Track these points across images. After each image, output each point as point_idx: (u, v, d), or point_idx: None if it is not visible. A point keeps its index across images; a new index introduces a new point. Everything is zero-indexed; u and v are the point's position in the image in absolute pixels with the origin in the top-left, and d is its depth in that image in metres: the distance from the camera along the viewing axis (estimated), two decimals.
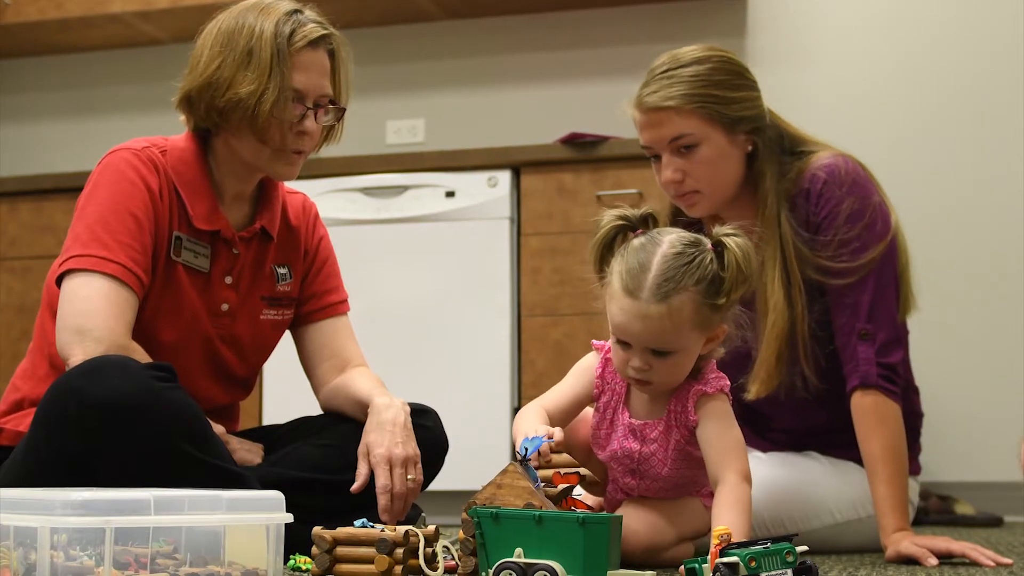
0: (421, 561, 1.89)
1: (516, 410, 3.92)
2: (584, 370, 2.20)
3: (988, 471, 3.97)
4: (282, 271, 2.40)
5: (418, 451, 2.23)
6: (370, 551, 1.87)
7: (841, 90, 4.27)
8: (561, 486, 1.91)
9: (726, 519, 1.91)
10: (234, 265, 2.31)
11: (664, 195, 2.65)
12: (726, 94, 2.43)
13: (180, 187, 2.25)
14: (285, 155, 2.25)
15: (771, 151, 2.48)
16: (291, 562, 2.04)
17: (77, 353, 2.07)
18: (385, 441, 2.21)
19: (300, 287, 2.44)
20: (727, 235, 2.00)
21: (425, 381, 3.83)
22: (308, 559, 2.00)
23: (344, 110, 2.31)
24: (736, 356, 2.34)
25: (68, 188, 4.37)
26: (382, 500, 2.18)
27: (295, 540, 1.93)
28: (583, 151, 3.94)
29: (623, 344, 2.03)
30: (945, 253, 4.08)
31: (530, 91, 4.58)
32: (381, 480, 2.18)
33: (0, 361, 4.35)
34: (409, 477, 2.20)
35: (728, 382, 2.09)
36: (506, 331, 3.92)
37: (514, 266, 3.96)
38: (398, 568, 1.86)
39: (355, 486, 2.20)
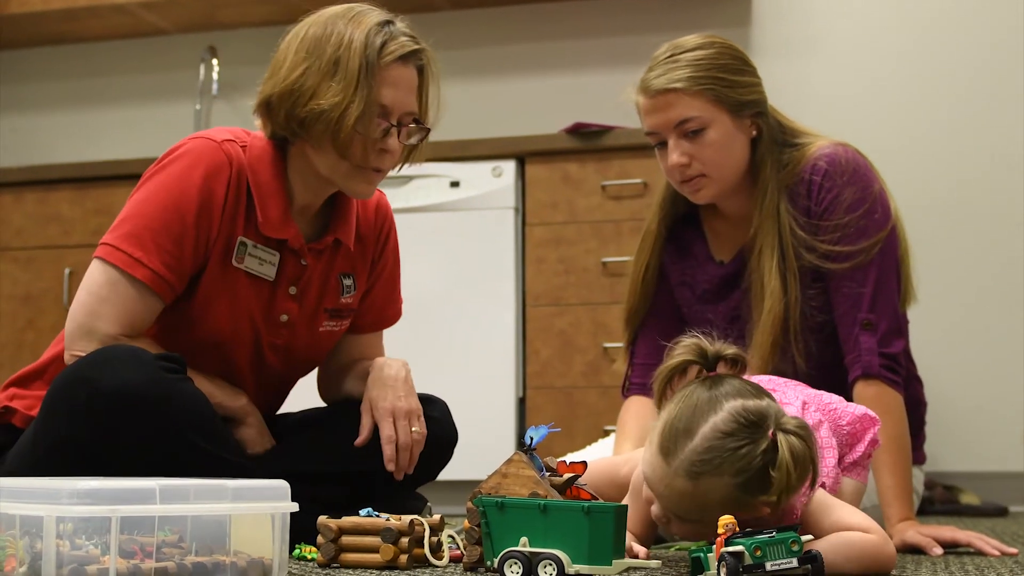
0: (426, 550, 1.89)
1: (521, 400, 3.93)
2: (640, 482, 1.94)
3: (993, 461, 3.97)
4: (347, 282, 2.32)
5: (420, 406, 2.24)
6: (375, 540, 1.87)
7: (846, 80, 4.27)
8: (566, 475, 1.90)
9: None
10: (301, 276, 2.24)
11: (660, 186, 2.66)
12: (731, 77, 2.44)
13: (254, 188, 2.16)
14: (364, 172, 2.17)
15: (772, 139, 2.49)
16: (297, 551, 2.04)
17: (78, 349, 2.08)
18: (388, 396, 2.22)
19: (361, 297, 2.38)
20: (787, 431, 1.74)
21: (430, 370, 3.81)
22: (314, 548, 2.01)
23: (429, 130, 2.24)
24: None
25: (73, 178, 4.37)
26: (387, 450, 2.18)
27: (300, 529, 1.93)
28: (588, 141, 3.94)
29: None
30: (951, 243, 4.07)
31: (535, 81, 4.57)
32: (386, 431, 2.19)
33: (5, 351, 4.36)
34: (413, 429, 2.21)
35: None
36: (511, 321, 3.92)
37: (519, 256, 3.96)
38: (403, 557, 1.87)
39: (359, 439, 2.21)
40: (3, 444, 2.17)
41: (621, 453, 2.53)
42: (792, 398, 2.01)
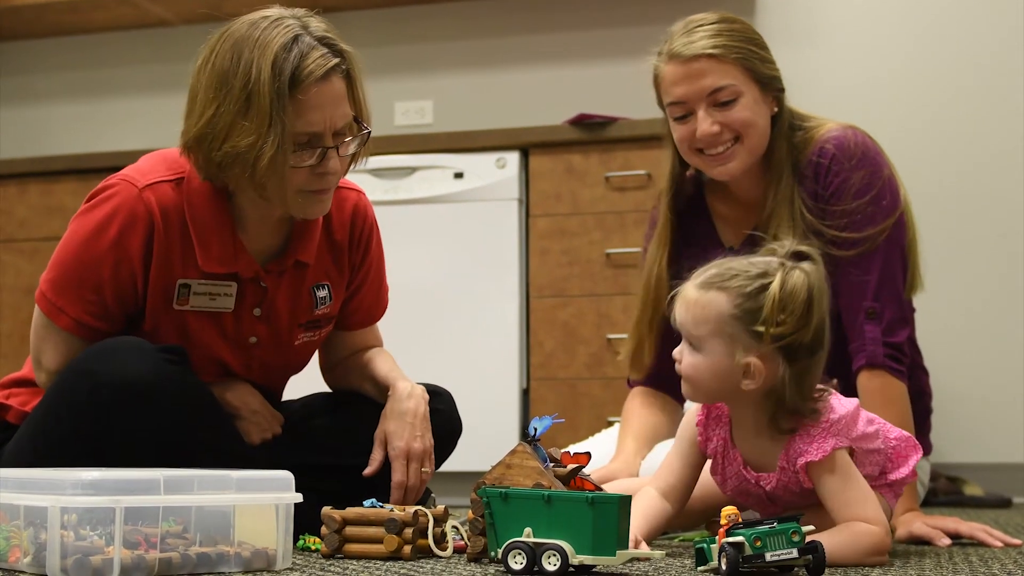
0: (430, 541, 1.89)
1: (525, 391, 3.93)
2: (686, 426, 2.05)
3: (997, 452, 3.97)
4: (321, 294, 2.24)
5: (432, 442, 2.21)
6: (379, 531, 1.87)
7: (851, 70, 4.26)
8: (570, 466, 1.91)
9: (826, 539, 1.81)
10: (263, 298, 2.16)
11: (664, 175, 2.60)
12: (760, 51, 2.41)
13: (193, 225, 2.07)
14: (308, 195, 2.05)
15: (786, 120, 2.46)
16: (301, 542, 2.04)
17: (35, 376, 2.16)
18: (405, 434, 2.17)
19: (342, 304, 2.32)
20: (791, 267, 1.88)
21: (434, 362, 3.83)
22: (318, 539, 2.01)
23: (369, 132, 2.10)
24: None
25: (77, 170, 4.37)
26: (395, 494, 2.16)
27: (305, 520, 1.94)
28: (592, 132, 3.93)
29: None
30: (955, 234, 4.07)
31: (539, 72, 4.57)
32: (397, 476, 2.16)
33: (9, 342, 4.36)
34: (424, 470, 2.18)
35: (843, 437, 1.90)
36: (515, 312, 3.92)
37: (523, 247, 3.96)
38: (407, 548, 1.87)
39: (368, 471, 2.19)
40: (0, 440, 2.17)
41: (624, 444, 2.52)
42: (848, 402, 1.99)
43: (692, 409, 2.06)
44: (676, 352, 1.95)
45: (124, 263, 2.06)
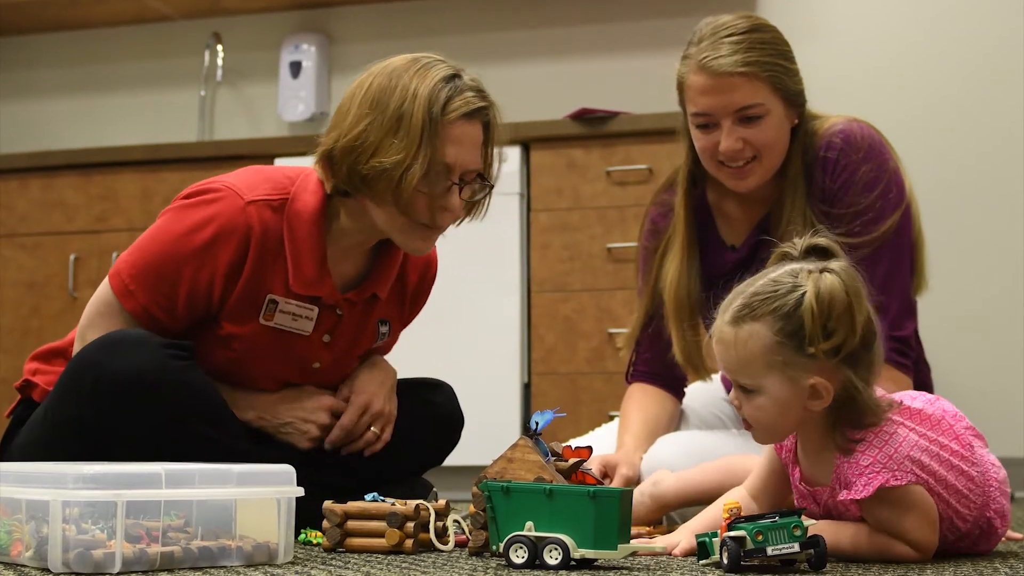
0: (432, 535, 1.89)
1: (526, 386, 3.93)
2: None
3: (997, 446, 3.92)
4: (383, 329, 2.31)
5: (395, 413, 2.28)
6: (381, 525, 1.88)
7: (851, 66, 4.25)
8: (572, 460, 1.90)
9: (842, 528, 1.78)
10: (336, 325, 2.22)
11: (680, 177, 2.56)
12: (790, 66, 2.38)
13: (289, 245, 2.13)
14: (422, 230, 2.13)
15: (804, 133, 2.42)
16: (302, 536, 2.04)
17: (74, 349, 2.14)
18: (371, 389, 2.26)
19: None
20: (824, 270, 1.74)
21: (435, 356, 3.83)
22: (319, 533, 2.01)
23: (492, 187, 2.20)
24: None
25: (77, 164, 4.37)
26: (334, 433, 2.23)
27: (306, 514, 1.94)
28: (593, 127, 3.93)
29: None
30: (956, 228, 4.06)
31: (540, 66, 4.56)
32: (345, 419, 2.23)
33: (10, 337, 4.36)
34: (373, 429, 2.25)
35: (901, 472, 1.75)
36: (515, 307, 3.92)
37: (523, 242, 3.96)
38: (409, 542, 1.87)
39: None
40: (23, 418, 2.20)
41: (623, 441, 2.51)
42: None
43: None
44: (733, 398, 1.83)
45: (207, 268, 2.09)
